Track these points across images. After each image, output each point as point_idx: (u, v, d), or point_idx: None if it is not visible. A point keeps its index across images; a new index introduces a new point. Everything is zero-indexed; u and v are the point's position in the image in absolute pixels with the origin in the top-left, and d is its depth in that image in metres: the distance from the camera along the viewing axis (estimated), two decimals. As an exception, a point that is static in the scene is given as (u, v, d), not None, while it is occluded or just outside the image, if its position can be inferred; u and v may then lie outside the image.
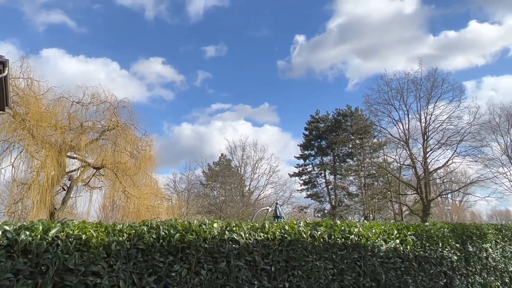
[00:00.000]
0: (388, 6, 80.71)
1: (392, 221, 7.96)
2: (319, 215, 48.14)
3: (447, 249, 7.32)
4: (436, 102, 36.28)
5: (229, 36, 77.78)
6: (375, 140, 47.19)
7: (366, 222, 6.45)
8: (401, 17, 76.37)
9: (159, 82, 74.84)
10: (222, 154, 50.65)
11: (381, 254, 6.07)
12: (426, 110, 36.72)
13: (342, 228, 5.84)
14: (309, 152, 50.50)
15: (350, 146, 46.98)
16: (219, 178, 48.42)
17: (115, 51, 72.39)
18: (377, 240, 6.12)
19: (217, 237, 4.53)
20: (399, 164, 40.67)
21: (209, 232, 4.48)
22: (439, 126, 36.27)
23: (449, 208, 36.90)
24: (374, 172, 46.34)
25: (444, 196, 43.83)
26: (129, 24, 71.65)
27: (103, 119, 22.41)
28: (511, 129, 35.26)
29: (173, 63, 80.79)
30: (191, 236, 4.31)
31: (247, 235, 4.82)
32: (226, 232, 4.64)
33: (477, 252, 8.22)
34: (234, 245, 4.62)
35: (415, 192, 37.64)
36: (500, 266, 8.89)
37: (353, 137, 46.61)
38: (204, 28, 74.43)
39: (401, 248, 6.42)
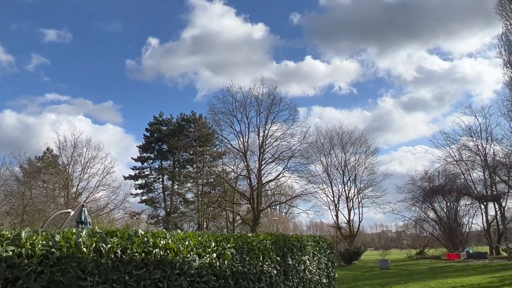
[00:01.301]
0: (240, 27, 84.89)
1: (224, 231, 7.02)
2: (152, 221, 45.78)
3: (267, 263, 6.70)
4: (274, 119, 38.60)
5: (76, 23, 69.72)
6: (216, 149, 47.71)
7: (180, 232, 5.26)
8: (250, 40, 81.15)
9: (-24, 56, 61.68)
10: (48, 149, 43.75)
11: (192, 271, 4.94)
12: (265, 125, 38.75)
13: (146, 239, 4.50)
14: (148, 154, 47.85)
15: (191, 152, 46.31)
16: (40, 176, 41.47)
17: None
18: (189, 255, 4.98)
19: None
20: (236, 174, 41.78)
21: None
22: (274, 141, 38.66)
23: (275, 218, 39.56)
24: (213, 181, 46.65)
25: (273, 207, 47.06)
26: None
27: None
28: (332, 150, 39.94)
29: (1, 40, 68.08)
30: None
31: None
32: None
33: (296, 265, 7.91)
34: None
35: (248, 202, 39.00)
36: (315, 278, 8.84)
37: (194, 144, 46.11)
38: (45, 8, 64.97)
39: (218, 263, 5.43)
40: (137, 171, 47.31)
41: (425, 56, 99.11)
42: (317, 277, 9.03)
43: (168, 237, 4.86)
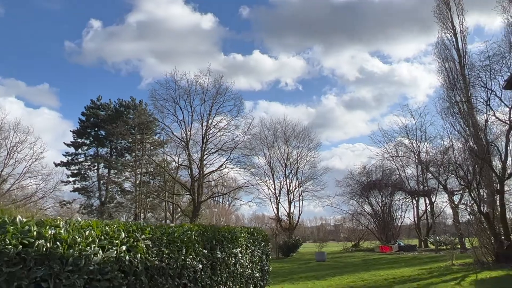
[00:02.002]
0: (188, 16, 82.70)
1: (162, 222, 6.12)
2: (85, 211, 43.08)
3: (191, 256, 5.96)
4: (218, 109, 37.69)
5: (9, -5, 63.59)
6: (157, 137, 45.92)
7: (80, 220, 4.36)
8: (199, 30, 79.36)
9: None
10: (-35, 130, 39.40)
11: (92, 267, 4.07)
12: (209, 114, 37.71)
13: (27, 228, 3.57)
14: (83, 140, 44.83)
15: (130, 140, 44.07)
16: (-44, 160, 37.27)
17: None
18: (89, 247, 4.10)
19: None
20: (177, 164, 40.44)
21: None
22: (218, 132, 37.80)
23: (215, 210, 38.91)
24: (152, 170, 44.86)
25: (215, 199, 46.30)
26: None
27: None
28: (275, 142, 39.86)
29: None
30: None
31: None
32: None
33: (226, 258, 7.26)
34: None
35: (188, 193, 37.86)
36: (247, 272, 8.25)
37: (134, 131, 43.95)
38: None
39: (127, 257, 4.59)
40: (70, 158, 44.21)
41: (367, 58, 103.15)
42: (250, 271, 8.46)
43: (62, 226, 3.96)
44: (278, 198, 38.21)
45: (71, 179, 43.49)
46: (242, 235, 8.23)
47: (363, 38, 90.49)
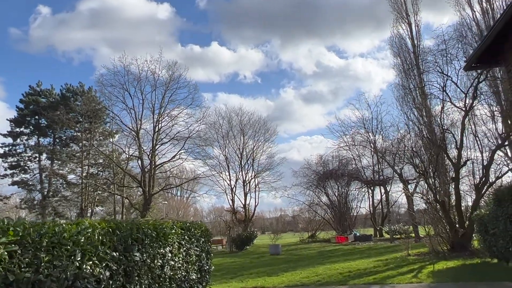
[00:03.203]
0: (144, 6, 79.09)
1: (111, 217, 4.59)
2: (25, 206, 39.75)
3: (91, 262, 4.54)
4: (171, 96, 35.77)
5: None
6: (107, 127, 43.15)
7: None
8: (155, 20, 76.17)
9: None
10: None
11: None
12: (161, 102, 35.65)
13: None
14: (22, 129, 41.16)
15: (77, 129, 41.05)
16: None
17: None
18: None
19: None
20: (128, 155, 38.12)
21: None
22: (171, 121, 35.90)
23: (165, 202, 37.00)
24: (102, 161, 42.14)
25: (172, 192, 44.24)
26: None
27: None
28: (230, 131, 38.37)
29: None
30: None
31: None
32: None
33: (149, 261, 5.89)
34: None
35: (139, 185, 35.76)
36: (179, 275, 6.92)
37: (81, 120, 40.99)
38: None
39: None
40: (7, 149, 40.52)
41: (324, 52, 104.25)
42: (184, 273, 7.15)
43: None
44: (234, 189, 37.00)
45: (8, 171, 39.93)
46: (174, 231, 6.88)
47: (320, 33, 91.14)
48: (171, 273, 6.58)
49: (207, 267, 8.42)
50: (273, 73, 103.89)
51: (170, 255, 6.60)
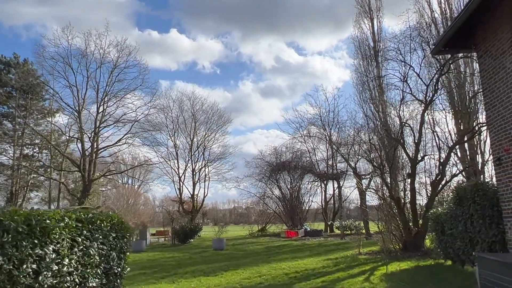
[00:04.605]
0: (101, -16, 74.10)
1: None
2: None
3: None
4: (118, 75, 32.98)
5: None
6: (46, 104, 39.41)
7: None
8: (111, 0, 71.47)
9: None
10: None
11: None
12: (108, 80, 32.77)
13: None
14: None
15: (11, 105, 36.99)
16: None
17: None
18: None
19: None
20: (67, 137, 34.94)
21: None
22: (118, 101, 33.17)
23: (103, 189, 34.26)
24: (38, 142, 38.41)
25: (116, 178, 41.29)
26: None
27: None
28: (180, 116, 36.03)
29: None
30: None
31: None
32: None
33: (14, 266, 4.10)
34: None
35: (78, 169, 32.79)
36: (68, 283, 5.15)
37: (15, 95, 37.03)
38: None
39: None
40: None
41: (283, 48, 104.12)
42: (78, 279, 5.38)
43: None
44: (182, 178, 34.97)
45: None
46: (63, 224, 5.08)
47: (281, 29, 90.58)
48: (54, 281, 4.80)
49: (119, 269, 6.66)
50: (233, 64, 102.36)
51: (54, 256, 4.82)
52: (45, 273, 4.65)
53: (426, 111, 15.27)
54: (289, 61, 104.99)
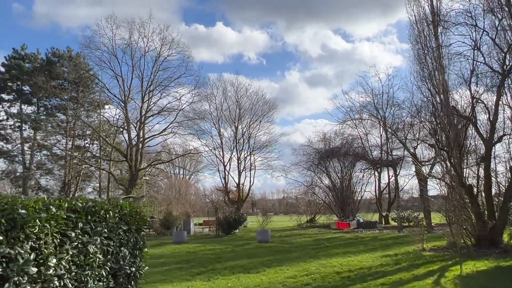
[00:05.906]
0: (149, -18, 75.02)
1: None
2: (6, 178, 37.23)
3: None
4: (162, 63, 32.65)
5: None
6: (96, 97, 40.16)
7: None
8: None
9: None
10: None
11: None
12: (153, 68, 32.51)
13: None
14: (2, 96, 38.18)
15: (65, 98, 37.97)
16: None
17: None
18: None
19: None
20: (116, 127, 35.33)
21: None
22: (163, 89, 32.89)
23: (147, 178, 33.97)
24: (89, 133, 39.29)
25: (159, 167, 41.39)
26: None
27: None
28: (224, 102, 34.91)
29: None
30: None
31: None
32: None
33: None
34: None
35: (125, 159, 33.00)
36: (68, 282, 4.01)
37: (68, 87, 37.99)
38: None
39: None
40: (-14, 115, 37.66)
41: (330, 35, 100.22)
42: (70, 284, 4.23)
43: None
44: (227, 167, 34.08)
45: (-12, 139, 37.22)
46: (44, 215, 3.93)
47: (326, 16, 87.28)
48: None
49: (132, 269, 5.51)
50: (278, 55, 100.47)
51: (32, 256, 3.69)
52: (16, 278, 3.52)
53: (504, 83, 12.85)
54: (336, 49, 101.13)
